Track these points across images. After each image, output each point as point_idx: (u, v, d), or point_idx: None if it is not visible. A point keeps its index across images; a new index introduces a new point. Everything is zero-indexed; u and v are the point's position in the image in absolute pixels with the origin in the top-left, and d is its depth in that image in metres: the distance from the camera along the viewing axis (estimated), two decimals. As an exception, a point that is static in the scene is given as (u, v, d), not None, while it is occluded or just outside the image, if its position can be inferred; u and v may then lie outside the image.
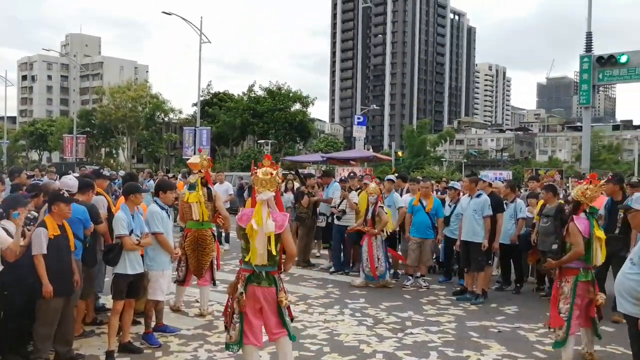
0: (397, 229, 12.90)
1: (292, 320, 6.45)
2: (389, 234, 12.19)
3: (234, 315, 6.15)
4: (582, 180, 12.56)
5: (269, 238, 5.98)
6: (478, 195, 10.98)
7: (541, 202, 11.47)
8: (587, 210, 7.59)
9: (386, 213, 12.03)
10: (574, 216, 7.57)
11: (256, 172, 6.27)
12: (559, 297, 7.50)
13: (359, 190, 13.34)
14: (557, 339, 7.46)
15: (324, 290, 11.54)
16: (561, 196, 12.96)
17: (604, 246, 7.54)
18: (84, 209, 7.61)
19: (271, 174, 6.19)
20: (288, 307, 6.27)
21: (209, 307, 9.56)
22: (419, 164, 76.51)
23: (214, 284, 9.67)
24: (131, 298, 7.50)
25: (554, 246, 10.48)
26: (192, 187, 9.11)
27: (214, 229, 9.54)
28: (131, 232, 7.34)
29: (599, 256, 7.46)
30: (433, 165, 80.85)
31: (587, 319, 7.55)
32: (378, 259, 11.79)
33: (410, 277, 12.24)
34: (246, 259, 6.08)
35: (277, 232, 6.01)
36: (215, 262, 9.55)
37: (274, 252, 6.02)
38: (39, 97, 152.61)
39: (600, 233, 7.54)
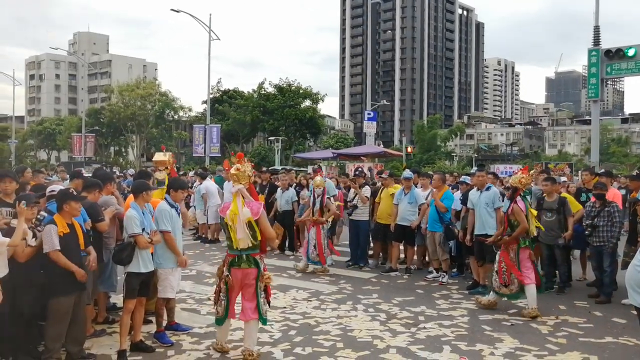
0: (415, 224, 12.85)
1: (269, 303, 7.38)
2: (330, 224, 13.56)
3: (221, 294, 7.17)
4: (589, 173, 12.60)
5: (248, 224, 6.92)
6: (487, 188, 10.95)
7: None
8: (522, 194, 9.67)
9: (333, 204, 13.35)
10: (516, 199, 9.49)
11: (228, 170, 7.29)
12: (513, 261, 9.48)
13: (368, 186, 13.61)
14: (510, 292, 9.54)
15: (336, 286, 11.54)
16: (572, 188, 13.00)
17: (534, 220, 9.78)
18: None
19: (238, 169, 7.11)
20: (267, 289, 7.21)
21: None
22: (430, 159, 76.42)
23: None
24: (142, 296, 7.51)
25: (560, 240, 10.54)
26: (160, 183, 9.33)
27: None
28: (142, 230, 7.37)
29: (533, 227, 9.65)
30: (444, 160, 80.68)
31: (537, 276, 9.58)
32: (324, 246, 12.94)
33: (435, 271, 12.33)
34: (230, 245, 7.10)
35: (255, 218, 6.94)
36: None
37: (257, 236, 6.98)
38: (47, 96, 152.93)
39: (532, 210, 9.85)
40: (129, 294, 7.32)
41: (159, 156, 9.99)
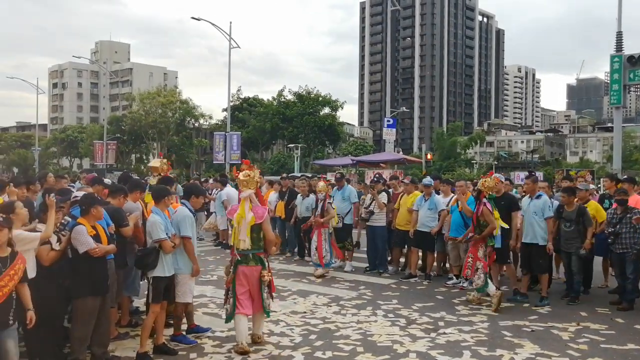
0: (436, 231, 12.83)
1: (272, 297, 8.05)
2: (333, 227, 13.82)
3: (229, 292, 7.76)
4: (609, 180, 12.52)
5: (254, 227, 7.59)
6: (538, 197, 10.89)
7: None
8: (487, 196, 10.36)
9: (333, 209, 13.65)
10: (484, 201, 10.26)
11: (238, 176, 7.87)
12: (481, 257, 10.28)
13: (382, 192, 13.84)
14: (477, 286, 10.34)
15: (356, 291, 11.57)
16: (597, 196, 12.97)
17: (500, 221, 10.45)
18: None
19: (249, 175, 7.78)
20: (270, 284, 7.82)
21: None
22: (450, 166, 76.22)
23: None
24: (165, 300, 7.60)
25: (582, 251, 10.39)
26: (151, 188, 9.40)
27: None
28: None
29: (498, 228, 10.38)
30: (464, 167, 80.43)
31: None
32: (325, 249, 13.34)
33: (455, 277, 12.37)
34: (236, 246, 7.72)
35: (258, 221, 7.61)
36: None
37: (256, 239, 7.64)
38: (70, 104, 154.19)
39: (496, 214, 10.38)
40: (156, 298, 7.41)
41: (153, 162, 10.20)
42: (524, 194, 12.47)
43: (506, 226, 10.69)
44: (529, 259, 10.82)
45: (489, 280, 10.30)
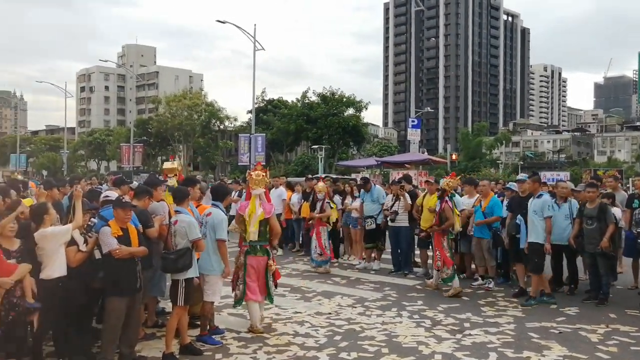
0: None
1: (276, 286, 9.11)
2: (332, 225, 14.67)
3: (238, 281, 8.57)
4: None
5: (260, 221, 8.40)
6: (539, 196, 10.83)
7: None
8: (450, 195, 11.59)
9: (331, 208, 14.42)
10: (446, 199, 11.48)
11: (251, 175, 8.81)
12: (445, 249, 11.38)
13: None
14: (446, 276, 11.30)
15: (381, 293, 11.53)
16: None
17: (458, 218, 11.67)
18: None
19: (263, 175, 8.71)
20: (275, 273, 8.81)
21: None
22: (475, 166, 75.82)
23: None
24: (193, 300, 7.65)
25: (598, 249, 10.23)
26: (171, 189, 9.44)
27: None
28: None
29: (458, 224, 11.58)
30: (489, 167, 79.95)
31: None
32: (326, 247, 13.89)
33: (480, 278, 12.29)
34: (245, 238, 8.51)
35: (266, 216, 8.47)
36: None
37: (263, 232, 8.48)
38: (97, 107, 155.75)
39: (456, 211, 11.64)
40: (188, 299, 7.46)
41: (168, 165, 10.29)
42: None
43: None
44: (532, 259, 10.68)
45: (455, 274, 11.46)
